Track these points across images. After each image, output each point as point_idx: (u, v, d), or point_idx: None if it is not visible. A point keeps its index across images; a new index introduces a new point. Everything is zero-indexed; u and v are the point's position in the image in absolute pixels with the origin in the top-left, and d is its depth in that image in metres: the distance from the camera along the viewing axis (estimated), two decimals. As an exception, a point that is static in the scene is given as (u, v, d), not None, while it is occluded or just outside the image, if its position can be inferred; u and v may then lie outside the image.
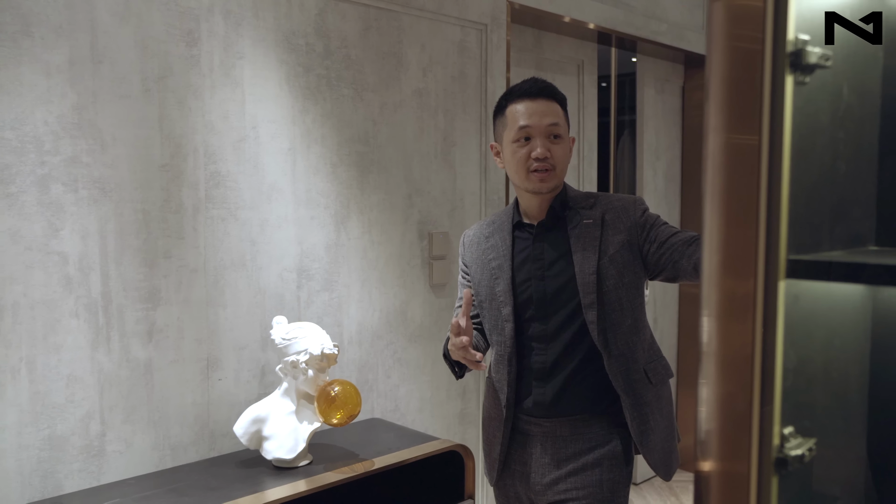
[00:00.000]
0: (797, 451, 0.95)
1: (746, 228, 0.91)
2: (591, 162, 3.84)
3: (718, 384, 0.96)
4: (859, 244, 1.11)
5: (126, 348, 2.06)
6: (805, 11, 0.91)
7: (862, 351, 1.12)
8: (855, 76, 1.05)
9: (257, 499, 1.94)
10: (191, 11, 2.13)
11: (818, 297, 1.02)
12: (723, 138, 0.94)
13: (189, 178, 2.15)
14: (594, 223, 1.80)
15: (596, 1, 3.39)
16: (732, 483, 0.95)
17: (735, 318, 0.93)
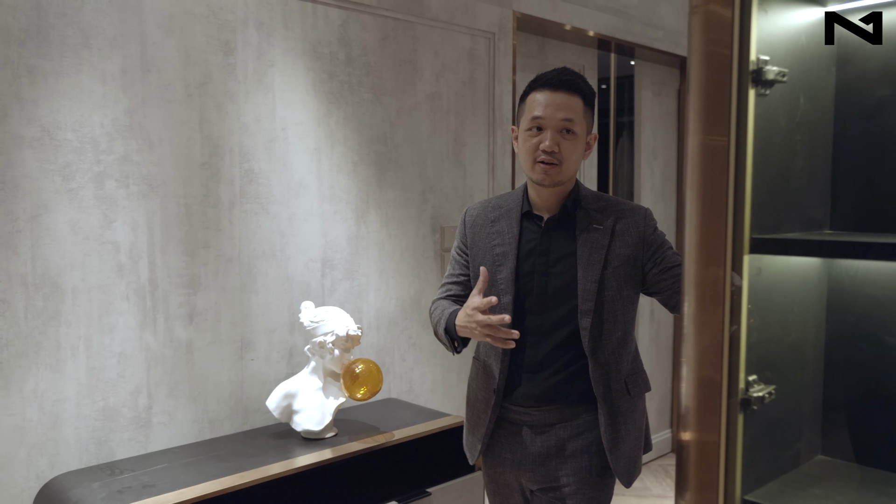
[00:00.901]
0: (759, 394, 1.16)
1: (718, 213, 1.13)
2: (591, 161, 4.05)
3: (696, 340, 1.17)
4: (816, 228, 1.32)
5: (170, 330, 2.27)
6: (765, 36, 1.13)
7: (818, 314, 1.34)
8: (810, 88, 1.27)
9: (289, 464, 2.16)
10: (228, 24, 2.35)
11: (779, 270, 1.23)
12: (699, 139, 1.15)
13: (225, 175, 2.37)
14: (604, 230, 1.79)
15: (596, 10, 3.61)
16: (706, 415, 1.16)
17: (709, 286, 1.15)
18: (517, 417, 1.86)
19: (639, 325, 4.27)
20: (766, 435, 1.24)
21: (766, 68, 1.11)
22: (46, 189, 2.02)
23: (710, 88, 1.12)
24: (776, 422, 1.25)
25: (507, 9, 3.19)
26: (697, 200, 1.16)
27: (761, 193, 1.15)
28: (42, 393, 2.04)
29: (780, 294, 1.26)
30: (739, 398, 1.14)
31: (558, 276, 1.80)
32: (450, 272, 1.99)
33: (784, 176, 1.24)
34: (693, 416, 1.19)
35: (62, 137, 2.04)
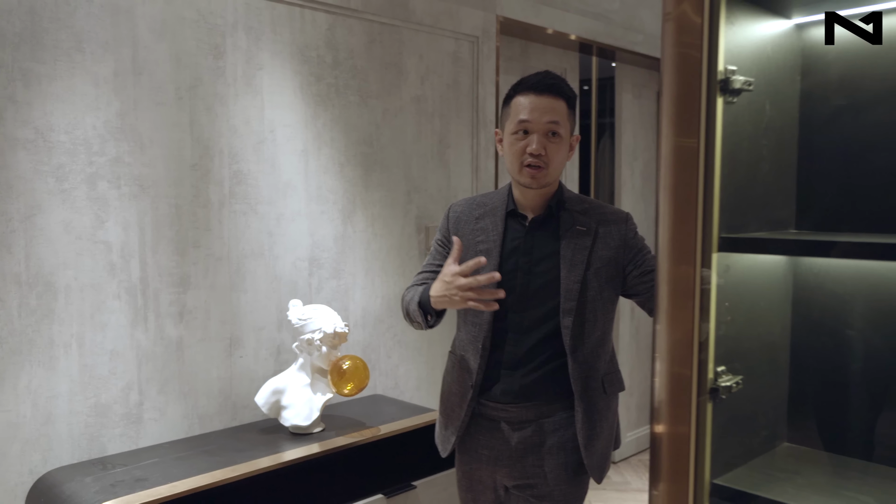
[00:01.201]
0: (726, 384, 1.23)
1: (689, 213, 1.20)
2: (573, 162, 4.13)
3: (672, 345, 1.24)
4: (782, 227, 1.40)
5: (161, 327, 2.32)
6: (732, 48, 1.20)
7: (784, 309, 1.42)
8: (776, 96, 1.34)
9: (277, 458, 2.21)
10: (217, 28, 2.40)
11: (746, 268, 1.31)
12: (671, 143, 1.22)
13: (215, 176, 2.42)
14: (587, 232, 1.83)
15: (577, 14, 3.68)
16: (677, 408, 1.23)
17: (680, 283, 1.22)
18: (494, 413, 1.87)
19: (619, 323, 4.36)
20: (734, 423, 1.32)
21: (734, 77, 1.19)
22: (40, 190, 2.06)
23: (681, 96, 1.19)
24: (744, 411, 1.32)
25: (491, 13, 3.26)
26: (669, 201, 1.23)
27: (729, 195, 1.23)
28: (35, 389, 2.08)
29: (748, 290, 1.33)
30: (708, 388, 1.21)
31: (541, 274, 1.82)
32: (428, 262, 1.99)
33: (751, 178, 1.31)
34: (665, 401, 1.26)
35: (55, 139, 2.08)
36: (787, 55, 1.36)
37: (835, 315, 1.40)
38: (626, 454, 4.45)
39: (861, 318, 1.36)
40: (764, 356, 1.39)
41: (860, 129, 1.36)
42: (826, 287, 1.40)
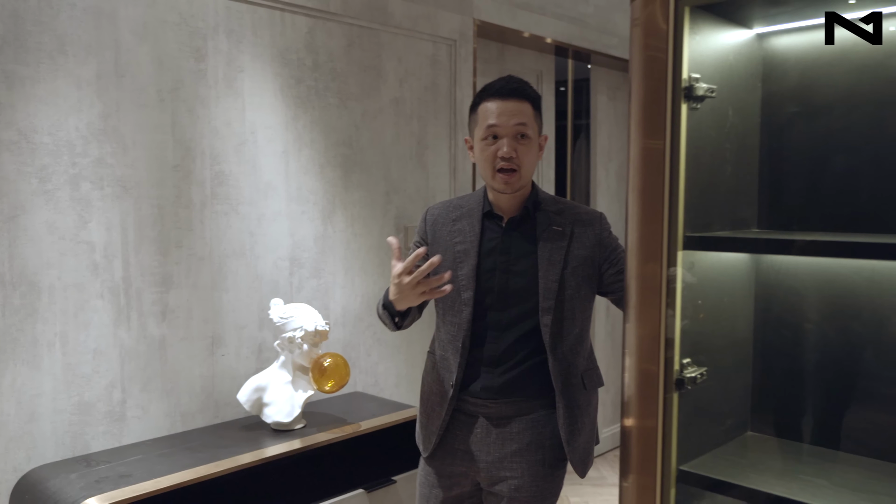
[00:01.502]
0: (691, 375, 1.30)
1: (656, 212, 1.27)
2: (549, 163, 4.20)
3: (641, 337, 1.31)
4: (744, 227, 1.47)
5: (143, 326, 2.35)
6: (696, 57, 1.27)
7: (747, 304, 1.49)
8: (738, 102, 1.42)
9: (260, 454, 2.25)
10: (199, 31, 2.43)
11: (710, 265, 1.38)
12: (640, 144, 1.29)
13: (197, 177, 2.45)
14: (563, 232, 1.86)
15: (553, 18, 3.76)
16: (645, 402, 1.30)
17: (649, 277, 1.28)
18: (474, 409, 1.90)
19: (595, 322, 4.44)
20: (700, 412, 1.39)
21: (697, 85, 1.26)
22: (24, 191, 2.09)
23: (648, 102, 1.26)
24: (708, 401, 1.39)
25: (468, 17, 3.32)
26: (638, 201, 1.30)
27: (694, 196, 1.29)
28: (19, 388, 2.10)
29: (713, 287, 1.40)
30: (674, 379, 1.28)
31: (519, 274, 1.85)
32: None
33: (715, 180, 1.38)
34: (634, 393, 1.32)
35: (39, 141, 2.11)
36: (748, 63, 1.44)
37: (794, 310, 1.48)
38: (603, 450, 4.53)
39: (818, 312, 1.44)
40: (728, 349, 1.46)
41: (817, 133, 1.43)
42: (786, 283, 1.48)
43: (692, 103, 1.26)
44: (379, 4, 2.94)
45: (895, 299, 1.33)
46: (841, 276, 1.40)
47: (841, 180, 1.41)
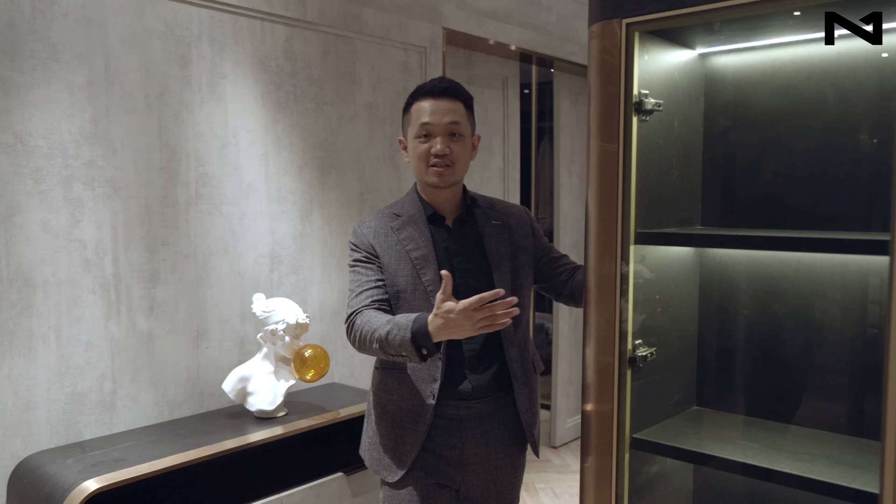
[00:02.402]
0: (642, 354, 1.49)
1: (611, 210, 1.44)
2: (515, 165, 4.38)
3: (598, 321, 1.48)
4: (689, 224, 1.66)
5: (132, 320, 2.47)
6: (645, 76, 1.45)
7: (692, 292, 1.68)
8: (683, 114, 1.60)
9: (245, 439, 2.39)
10: (184, 39, 2.56)
11: (659, 257, 1.56)
12: (598, 149, 1.46)
13: (182, 178, 2.58)
14: (503, 226, 1.91)
15: (518, 26, 3.94)
16: (604, 376, 1.48)
17: (605, 267, 1.46)
18: (456, 413, 1.85)
19: (558, 316, 4.64)
20: (650, 387, 1.57)
21: (646, 100, 1.44)
22: (19, 191, 2.20)
23: (604, 116, 1.44)
24: (658, 378, 1.58)
25: (437, 25, 3.49)
26: (596, 200, 1.47)
27: (644, 196, 1.48)
28: (16, 378, 2.21)
29: (662, 277, 1.59)
30: (628, 357, 1.46)
31: (475, 272, 1.86)
32: (365, 279, 1.87)
33: (662, 183, 1.57)
34: (593, 370, 1.50)
35: (33, 144, 2.22)
36: (692, 80, 1.62)
37: (734, 297, 1.67)
38: (567, 439, 4.74)
39: (752, 298, 1.64)
40: (675, 332, 1.65)
41: (751, 141, 1.63)
42: (726, 273, 1.67)
43: (642, 116, 1.44)
44: (353, 14, 3.09)
45: (816, 287, 1.53)
46: (772, 267, 1.59)
47: (771, 182, 1.60)
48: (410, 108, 1.88)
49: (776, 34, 1.48)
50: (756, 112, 1.60)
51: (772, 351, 1.62)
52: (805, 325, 1.57)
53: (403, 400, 1.87)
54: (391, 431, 1.89)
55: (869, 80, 1.42)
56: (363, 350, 1.80)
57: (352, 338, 1.82)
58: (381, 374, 1.94)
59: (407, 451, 1.86)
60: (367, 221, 1.94)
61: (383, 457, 1.91)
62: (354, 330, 1.81)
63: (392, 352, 1.72)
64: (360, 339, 1.78)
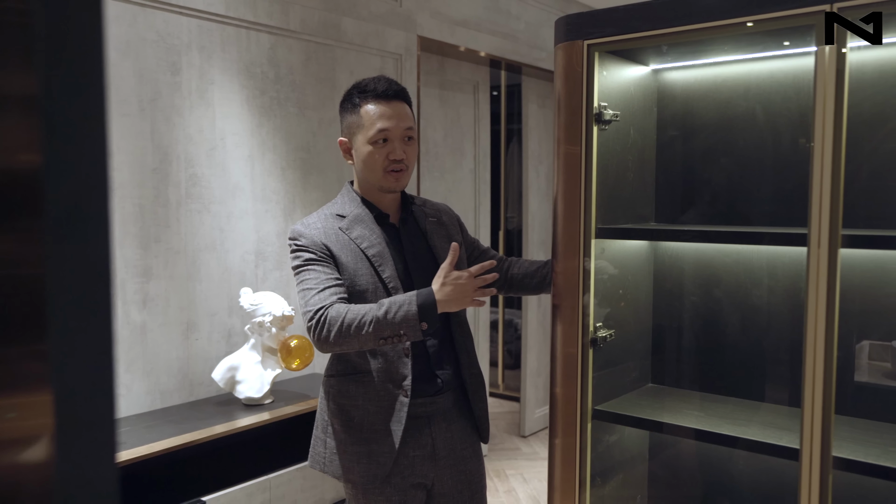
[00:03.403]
0: (602, 335, 1.68)
1: (575, 206, 1.64)
2: (486, 166, 4.57)
3: (564, 305, 1.68)
4: (644, 220, 1.87)
5: (127, 313, 2.61)
6: (604, 89, 1.65)
7: (647, 281, 1.88)
8: (638, 123, 1.80)
9: (234, 425, 2.55)
10: (174, 48, 2.71)
11: (618, 249, 1.76)
12: (563, 152, 1.66)
13: (173, 178, 2.73)
14: (439, 222, 1.92)
15: (488, 34, 4.14)
16: (570, 363, 1.67)
17: (570, 260, 1.65)
18: (422, 410, 1.83)
19: (527, 311, 4.84)
20: (610, 365, 1.77)
21: (605, 111, 1.63)
22: (22, 191, 2.33)
23: (569, 125, 1.63)
24: (617, 357, 1.78)
25: (412, 33, 3.67)
26: (562, 199, 1.67)
27: (603, 196, 1.67)
28: (19, 368, 2.34)
29: (620, 268, 1.79)
30: (590, 337, 1.66)
31: (426, 269, 1.85)
32: (324, 276, 1.77)
33: (620, 184, 1.76)
34: (561, 344, 1.70)
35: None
36: (646, 93, 1.83)
37: (684, 285, 1.88)
38: (535, 429, 4.95)
39: (699, 286, 1.84)
40: (632, 316, 1.85)
41: (699, 146, 1.83)
42: (677, 265, 1.88)
43: (601, 125, 1.63)
44: (333, 23, 3.26)
45: (754, 275, 1.74)
46: (716, 259, 1.80)
47: (715, 184, 1.81)
48: (359, 111, 1.82)
49: (715, 55, 1.69)
50: (702, 122, 1.81)
51: (716, 333, 1.83)
52: (744, 309, 1.78)
53: (370, 403, 1.80)
54: (361, 438, 1.80)
55: (798, 96, 1.63)
56: (339, 342, 1.68)
57: (324, 331, 1.69)
58: (339, 381, 1.85)
59: (385, 453, 1.78)
60: (312, 223, 1.85)
61: (356, 465, 1.81)
62: (329, 323, 1.68)
63: (388, 332, 1.66)
64: (340, 329, 1.67)
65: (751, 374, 1.77)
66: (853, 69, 1.33)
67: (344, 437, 1.83)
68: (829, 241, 1.30)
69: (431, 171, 4.13)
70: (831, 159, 1.28)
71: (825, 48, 1.29)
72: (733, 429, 1.55)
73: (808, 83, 1.35)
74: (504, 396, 5.74)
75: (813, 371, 1.33)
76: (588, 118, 1.60)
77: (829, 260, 1.30)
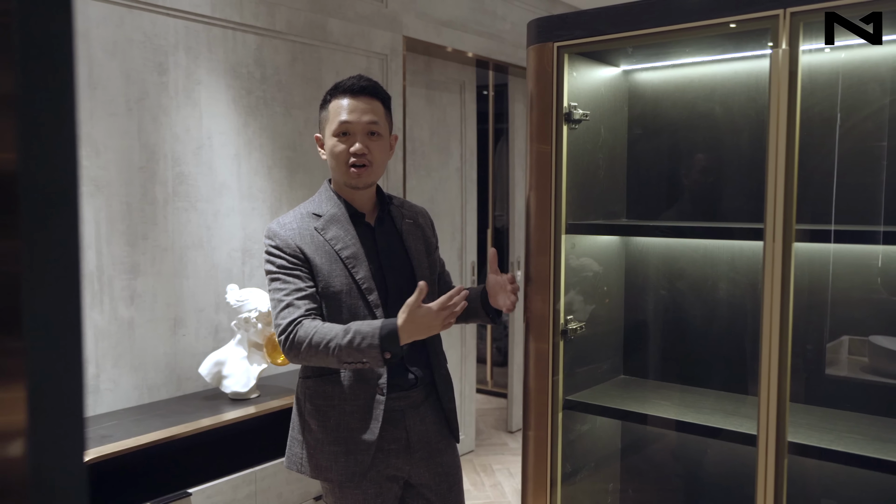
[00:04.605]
0: (572, 327, 1.74)
1: (546, 202, 1.69)
2: (472, 165, 4.63)
3: (535, 298, 1.73)
4: (616, 217, 1.92)
5: (114, 309, 2.66)
6: (573, 90, 1.70)
7: (620, 276, 1.94)
8: (609, 122, 1.86)
9: (220, 418, 2.60)
10: (161, 48, 2.75)
11: (588, 244, 1.82)
12: (535, 149, 1.71)
13: (160, 177, 2.77)
14: (414, 223, 1.94)
15: (474, 34, 4.19)
16: (542, 355, 1.73)
17: (541, 255, 1.71)
18: (397, 404, 1.85)
19: (517, 307, 4.89)
20: (582, 358, 1.83)
21: (575, 111, 1.69)
22: (11, 189, 2.37)
23: (540, 124, 1.69)
24: (588, 349, 1.84)
25: (398, 34, 3.72)
26: (534, 196, 1.72)
27: (573, 193, 1.73)
28: (8, 363, 2.39)
29: (591, 260, 1.84)
30: (560, 329, 1.71)
31: (400, 268, 1.87)
32: (293, 288, 1.78)
33: (591, 181, 1.82)
34: (533, 336, 1.75)
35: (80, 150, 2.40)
36: (617, 93, 1.88)
37: (654, 280, 1.94)
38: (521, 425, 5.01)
39: (669, 281, 1.90)
40: (604, 310, 1.91)
41: (668, 145, 1.89)
42: (648, 260, 1.93)
43: (571, 125, 1.69)
44: (319, 23, 3.31)
45: (720, 270, 1.80)
46: (685, 254, 1.86)
47: (684, 181, 1.87)
48: (328, 106, 1.84)
49: (680, 56, 1.75)
50: (670, 121, 1.86)
51: (685, 325, 1.89)
52: (711, 302, 1.84)
53: (347, 402, 1.82)
54: (339, 437, 1.82)
55: (760, 96, 1.69)
56: (306, 358, 1.74)
57: (293, 348, 1.73)
58: (315, 382, 1.87)
59: (363, 450, 1.80)
60: (287, 223, 1.85)
61: (334, 464, 1.83)
62: (298, 340, 1.72)
63: (350, 359, 1.70)
64: (308, 348, 1.71)
65: (718, 365, 1.82)
66: (809, 71, 1.39)
67: (321, 436, 1.85)
68: (784, 235, 1.36)
69: (418, 169, 4.18)
70: (785, 156, 1.34)
71: (779, 50, 1.35)
72: (698, 417, 1.61)
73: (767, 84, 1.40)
74: (493, 393, 5.80)
75: (769, 360, 1.38)
76: (558, 117, 1.65)
77: (784, 254, 1.36)
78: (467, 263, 4.57)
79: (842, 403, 1.61)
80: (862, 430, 1.50)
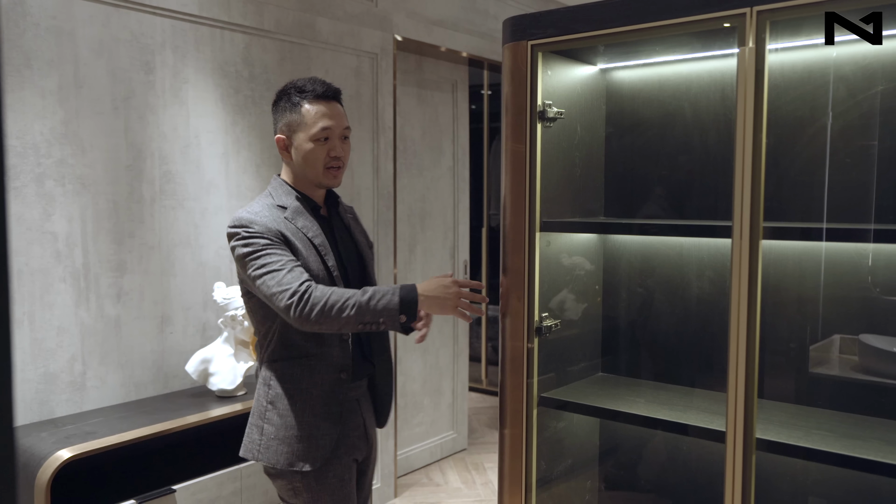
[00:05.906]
0: (547, 324, 1.74)
1: (521, 200, 1.70)
2: (465, 164, 4.63)
3: (511, 293, 1.74)
4: (594, 215, 1.93)
5: (101, 307, 2.67)
6: (548, 88, 1.71)
7: (598, 273, 1.94)
8: (586, 120, 1.87)
9: (207, 415, 2.61)
10: (148, 47, 2.76)
11: (564, 243, 1.82)
12: (510, 147, 1.72)
13: (147, 175, 2.78)
14: (354, 219, 2.06)
15: (466, 33, 4.19)
16: (516, 352, 1.73)
17: (516, 252, 1.71)
18: (353, 393, 1.93)
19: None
20: (556, 354, 1.83)
21: (549, 109, 1.69)
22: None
23: (515, 123, 1.70)
24: (566, 347, 1.84)
25: (389, 33, 3.73)
26: (509, 195, 1.73)
27: (548, 191, 1.73)
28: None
29: (566, 258, 1.85)
30: (535, 327, 1.72)
31: (356, 259, 1.98)
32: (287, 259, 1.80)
33: (568, 179, 1.83)
34: (508, 334, 1.76)
35: (8, 144, 2.41)
36: (594, 91, 1.89)
37: (632, 277, 1.94)
38: (514, 423, 5.01)
39: (646, 278, 1.91)
40: (582, 307, 1.91)
41: (646, 143, 1.90)
42: (625, 257, 1.94)
43: (545, 123, 1.69)
44: (308, 22, 3.32)
45: (695, 267, 1.81)
46: (661, 252, 1.86)
47: (660, 179, 1.87)
48: (300, 110, 1.88)
49: (653, 55, 1.75)
50: (647, 120, 1.87)
51: (661, 323, 1.89)
52: (686, 300, 1.85)
53: (315, 387, 1.86)
54: (304, 421, 1.85)
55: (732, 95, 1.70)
56: (318, 320, 1.71)
57: (307, 308, 1.71)
58: (283, 365, 1.89)
59: (325, 434, 1.85)
60: (259, 212, 1.87)
61: (298, 448, 1.85)
62: (313, 301, 1.71)
63: (368, 318, 1.71)
64: (324, 309, 1.70)
65: (693, 362, 1.83)
66: (776, 70, 1.40)
67: (289, 420, 1.86)
68: (751, 232, 1.36)
69: (409, 168, 4.19)
70: (751, 154, 1.35)
71: (745, 49, 1.35)
72: (671, 414, 1.61)
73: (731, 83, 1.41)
74: (487, 392, 5.81)
75: (736, 356, 1.39)
76: (532, 116, 1.66)
77: (751, 251, 1.37)
78: (459, 262, 4.57)
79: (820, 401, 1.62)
80: (833, 428, 1.50)
